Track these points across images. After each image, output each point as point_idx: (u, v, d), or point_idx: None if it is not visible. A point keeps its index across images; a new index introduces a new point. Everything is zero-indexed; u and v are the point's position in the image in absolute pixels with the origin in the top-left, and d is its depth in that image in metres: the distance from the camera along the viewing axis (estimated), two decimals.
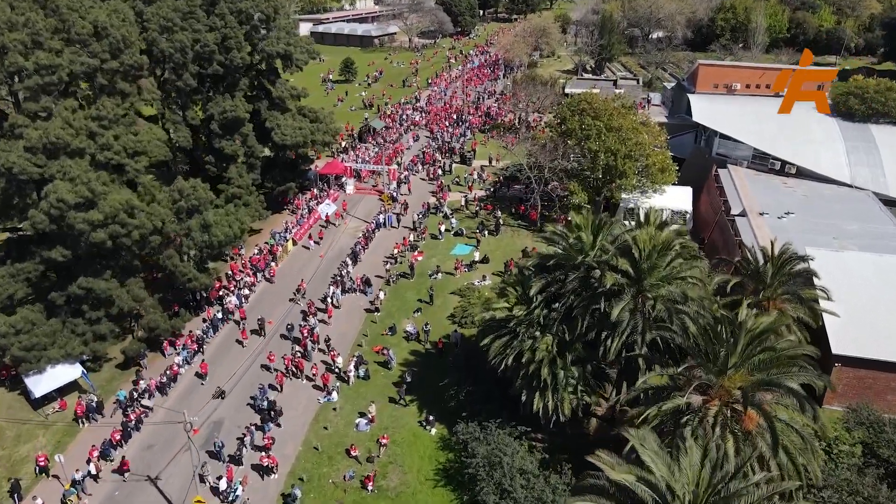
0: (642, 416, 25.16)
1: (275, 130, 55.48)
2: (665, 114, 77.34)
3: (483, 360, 33.13)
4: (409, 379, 38.10)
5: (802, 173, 54.10)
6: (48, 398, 38.26)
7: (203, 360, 41.52)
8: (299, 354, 40.75)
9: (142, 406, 37.47)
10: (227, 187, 54.63)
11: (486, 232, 55.16)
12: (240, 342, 43.17)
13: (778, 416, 24.69)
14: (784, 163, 54.75)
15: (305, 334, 42.23)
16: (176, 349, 41.29)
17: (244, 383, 39.64)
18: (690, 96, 63.32)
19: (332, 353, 40.48)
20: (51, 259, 36.75)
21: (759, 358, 24.61)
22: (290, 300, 47.26)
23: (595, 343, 29.63)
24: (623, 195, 52.59)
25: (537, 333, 30.35)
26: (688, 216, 53.50)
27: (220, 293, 47.54)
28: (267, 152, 59.72)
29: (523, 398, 30.88)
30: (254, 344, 43.18)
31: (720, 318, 26.90)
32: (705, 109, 60.61)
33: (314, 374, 38.99)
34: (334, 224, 59.70)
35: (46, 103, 36.62)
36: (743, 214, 47.62)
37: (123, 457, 34.61)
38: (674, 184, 53.82)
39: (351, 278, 48.49)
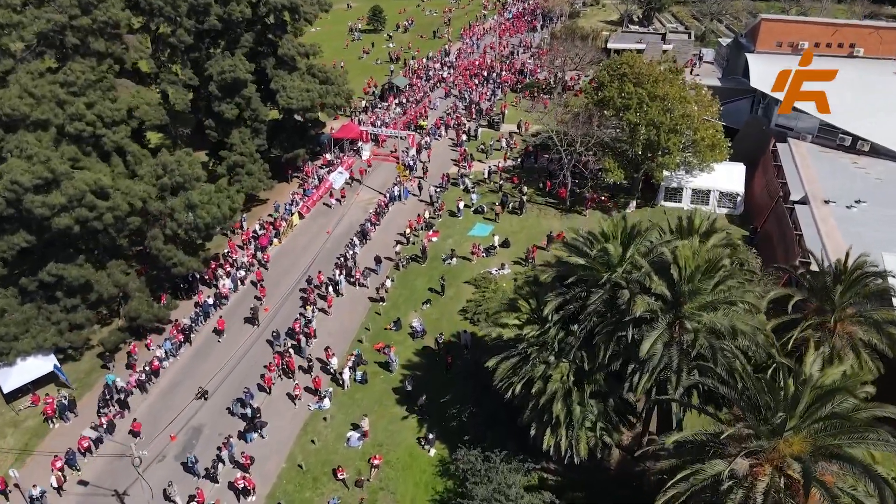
0: (674, 480, 20.49)
1: (280, 92, 50.50)
2: (718, 74, 69.62)
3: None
4: (409, 388, 33.91)
5: (877, 151, 46.95)
6: (23, 390, 35.45)
7: (220, 317, 39.91)
8: (291, 351, 36.83)
9: (118, 405, 34.27)
10: (230, 154, 50.47)
11: (510, 208, 49.89)
12: (257, 298, 41.30)
13: (844, 488, 19.74)
14: (856, 138, 47.56)
15: (298, 329, 38.18)
16: (149, 348, 37.60)
17: (231, 381, 36.03)
18: (749, 56, 55.89)
19: (327, 352, 36.42)
20: (15, 243, 33.15)
21: (825, 422, 19.44)
22: (302, 290, 42.78)
23: (620, 374, 24.75)
24: (665, 172, 46.47)
25: (551, 359, 25.55)
26: (738, 199, 47.21)
27: (217, 272, 43.78)
28: (276, 114, 55.09)
29: (532, 432, 26.35)
30: (245, 334, 39.45)
31: (778, 362, 21.65)
32: (765, 72, 53.16)
33: (297, 395, 34.30)
34: (358, 181, 56.04)
35: (5, 67, 32.36)
36: (804, 202, 41.29)
37: (135, 419, 33.12)
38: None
39: (356, 263, 43.97)
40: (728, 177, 47.25)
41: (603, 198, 48.66)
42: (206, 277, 43.56)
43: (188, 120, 56.24)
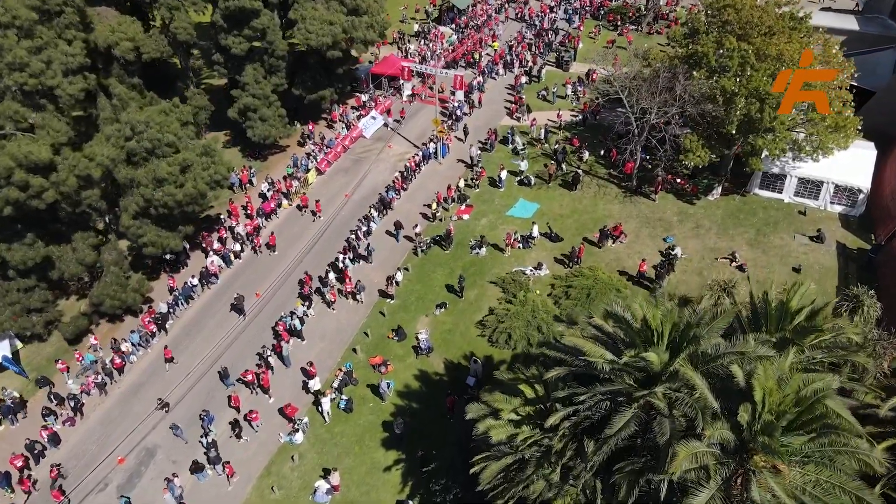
0: None
1: (298, 24, 42.41)
2: (857, 8, 55.82)
3: None
4: (398, 431, 27.56)
5: None
6: None
7: (272, 233, 38.40)
8: (269, 357, 30.97)
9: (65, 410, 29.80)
10: (242, 94, 43.56)
11: (561, 177, 41.05)
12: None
13: None
14: None
15: (283, 329, 32.17)
16: (95, 351, 32.39)
17: (202, 388, 30.84)
18: None
19: (310, 368, 30.39)
20: None
21: None
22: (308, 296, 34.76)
23: None
24: (764, 154, 36.06)
25: (555, 477, 18.31)
26: (860, 197, 36.39)
27: (214, 241, 37.98)
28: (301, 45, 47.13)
29: None
30: (229, 323, 33.90)
31: None
32: None
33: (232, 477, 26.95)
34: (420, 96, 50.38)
35: None
36: None
37: (166, 346, 31.88)
38: None
39: (369, 250, 36.85)
40: (850, 165, 36.27)
41: (680, 179, 38.89)
42: (205, 246, 37.86)
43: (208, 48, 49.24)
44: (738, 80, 33.44)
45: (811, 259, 33.65)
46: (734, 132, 34.37)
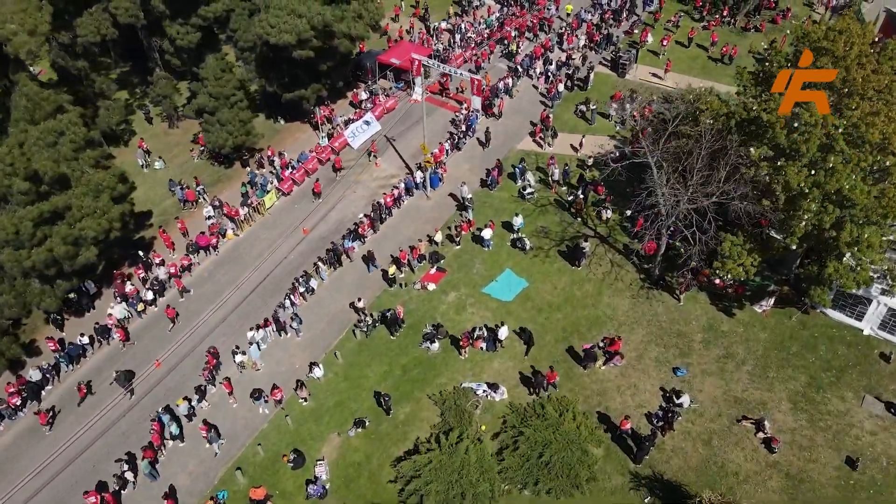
0: None
1: (260, 18, 34.02)
2: None
3: None
4: None
5: None
6: None
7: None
8: (125, 472, 24.80)
9: None
10: (200, 87, 36.29)
11: (569, 236, 31.70)
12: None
13: None
14: None
15: (158, 431, 25.75)
16: None
17: (54, 491, 25.33)
18: None
19: (166, 501, 23.92)
20: None
21: None
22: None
23: None
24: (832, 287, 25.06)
25: None
26: None
27: (125, 284, 31.61)
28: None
29: None
30: (108, 400, 27.89)
31: None
32: None
33: None
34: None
35: None
36: None
37: (168, 305, 30.09)
38: None
39: (299, 322, 29.37)
40: None
41: (718, 280, 28.44)
42: (115, 290, 31.53)
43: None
44: (811, 172, 22.54)
45: (879, 445, 23.25)
46: (795, 245, 23.73)
